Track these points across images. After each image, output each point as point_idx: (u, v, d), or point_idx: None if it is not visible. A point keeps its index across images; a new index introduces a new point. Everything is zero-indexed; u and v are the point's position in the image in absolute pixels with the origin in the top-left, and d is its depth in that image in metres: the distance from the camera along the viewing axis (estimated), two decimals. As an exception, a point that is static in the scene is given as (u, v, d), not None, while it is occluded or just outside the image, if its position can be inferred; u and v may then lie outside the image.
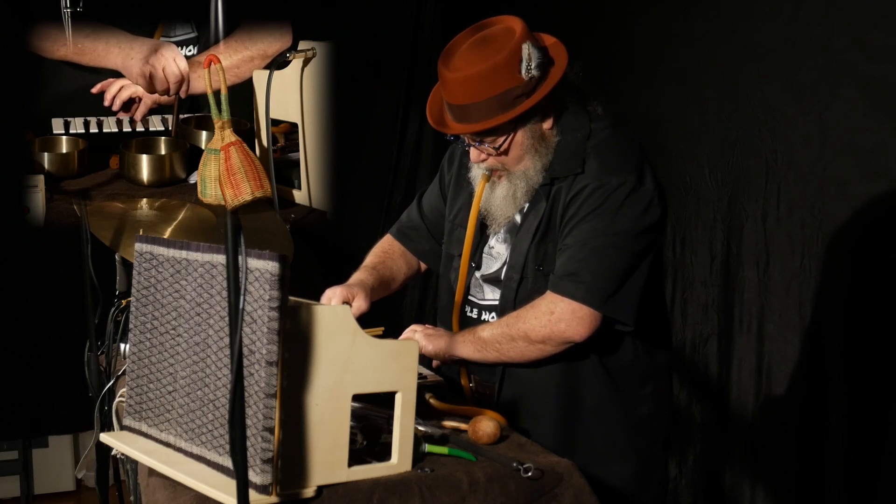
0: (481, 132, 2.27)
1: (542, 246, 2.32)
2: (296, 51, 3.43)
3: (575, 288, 2.22)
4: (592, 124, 2.33)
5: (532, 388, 2.37)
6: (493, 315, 2.43)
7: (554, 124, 2.31)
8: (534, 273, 2.34)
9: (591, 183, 2.25)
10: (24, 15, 4.20)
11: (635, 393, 2.40)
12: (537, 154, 2.30)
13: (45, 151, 3.70)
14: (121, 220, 3.00)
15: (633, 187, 2.24)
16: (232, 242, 1.52)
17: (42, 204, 3.40)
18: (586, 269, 2.21)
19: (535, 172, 2.32)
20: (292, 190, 3.72)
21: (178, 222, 3.06)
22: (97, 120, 3.89)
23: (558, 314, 2.22)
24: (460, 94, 2.23)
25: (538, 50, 2.21)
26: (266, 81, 3.43)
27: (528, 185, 2.33)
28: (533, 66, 2.19)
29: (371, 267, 2.62)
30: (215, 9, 1.42)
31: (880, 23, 2.65)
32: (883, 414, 2.65)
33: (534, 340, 2.25)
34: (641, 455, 2.41)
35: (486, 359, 2.32)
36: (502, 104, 2.21)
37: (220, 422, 1.78)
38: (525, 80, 2.20)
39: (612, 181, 2.23)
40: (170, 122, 3.91)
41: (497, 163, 2.33)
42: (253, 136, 3.68)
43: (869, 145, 2.70)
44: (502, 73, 2.19)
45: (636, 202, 2.24)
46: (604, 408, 2.37)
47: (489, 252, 2.45)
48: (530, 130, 2.28)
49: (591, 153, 2.29)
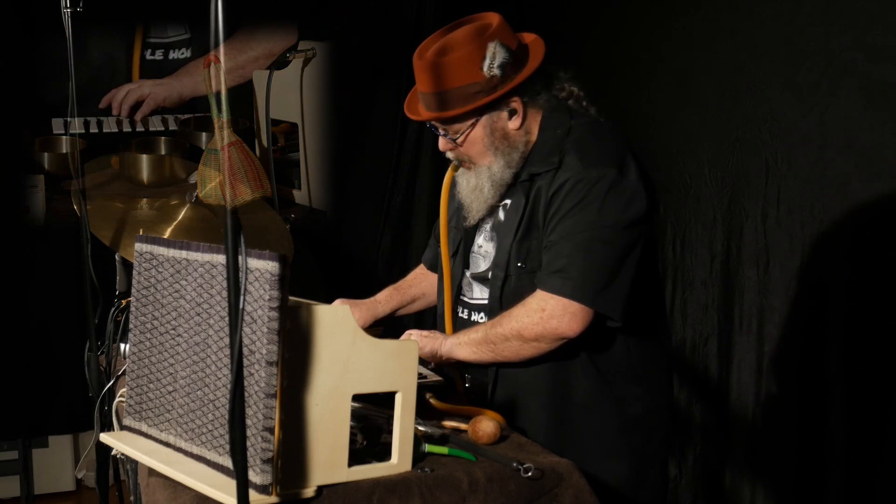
0: (438, 121, 2.32)
1: (526, 243, 2.33)
2: (296, 51, 3.44)
3: (562, 284, 2.22)
4: (573, 121, 2.35)
5: (523, 386, 2.37)
6: (482, 315, 2.43)
7: (523, 124, 2.34)
8: (517, 271, 2.34)
9: (571, 178, 2.25)
10: (24, 15, 4.21)
11: (628, 391, 2.39)
12: (499, 152, 2.33)
13: (45, 151, 3.71)
14: (121, 220, 3.00)
15: (614, 180, 2.24)
16: (232, 242, 1.52)
17: (42, 204, 3.40)
18: (573, 265, 2.22)
19: (498, 169, 2.34)
20: (292, 190, 3.72)
21: (178, 222, 3.07)
22: (97, 120, 3.90)
23: (549, 311, 2.21)
24: (424, 82, 2.30)
25: (505, 50, 2.24)
26: (266, 81, 3.44)
27: (492, 181, 2.35)
28: (496, 64, 2.23)
29: (395, 287, 2.75)
30: (215, 9, 1.42)
31: (880, 23, 2.65)
32: (883, 414, 2.65)
33: (527, 339, 2.24)
34: (636, 454, 2.41)
35: (482, 359, 2.32)
36: (463, 97, 2.26)
37: (220, 422, 1.78)
38: (486, 77, 2.24)
39: (592, 175, 2.24)
40: (170, 123, 3.92)
41: (462, 154, 2.37)
42: (253, 135, 3.68)
43: (869, 145, 2.70)
44: (465, 67, 2.24)
45: (618, 195, 2.24)
46: (595, 406, 2.37)
47: (477, 251, 2.47)
48: (489, 128, 2.31)
49: (570, 148, 2.30)
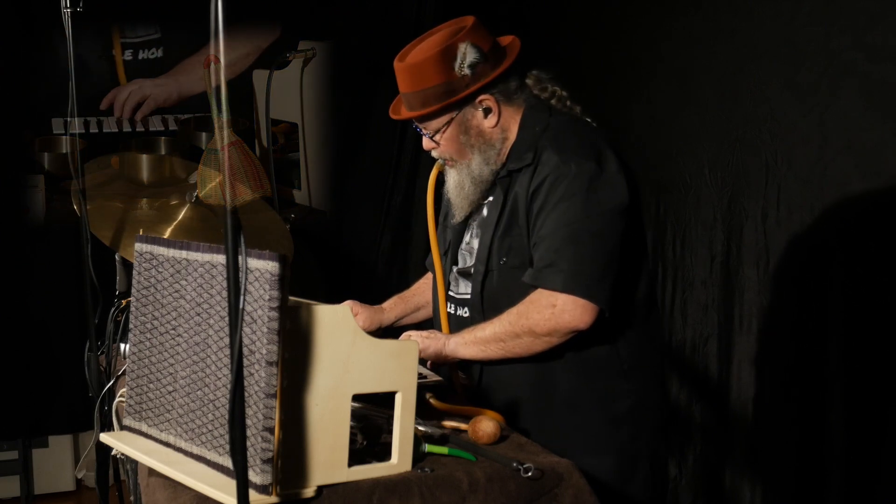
0: (416, 119, 2.39)
1: (507, 239, 2.37)
2: (296, 51, 3.44)
3: (556, 277, 2.25)
4: (552, 118, 2.40)
5: (507, 381, 2.40)
6: (465, 310, 2.47)
7: (499, 122, 2.39)
8: (499, 266, 2.38)
9: (550, 174, 2.29)
10: (24, 15, 4.21)
11: (615, 386, 2.40)
12: (475, 149, 2.39)
13: (45, 151, 3.70)
14: (121, 220, 3.00)
15: (593, 172, 2.27)
16: (232, 242, 1.51)
17: (42, 204, 3.40)
18: (563, 258, 2.25)
19: (476, 166, 2.39)
20: (292, 190, 3.72)
21: (178, 222, 3.07)
22: (97, 120, 3.89)
23: (561, 305, 2.24)
24: (403, 83, 2.37)
25: (476, 50, 2.30)
26: (266, 81, 3.43)
27: (472, 178, 2.41)
28: (466, 64, 2.29)
29: (399, 296, 2.80)
30: (215, 9, 1.42)
31: (880, 23, 2.65)
32: (882, 413, 2.65)
33: (539, 334, 2.26)
34: (623, 449, 2.42)
35: (489, 357, 2.33)
36: (436, 96, 2.32)
37: (220, 422, 1.78)
38: (458, 76, 2.31)
39: (572, 168, 2.28)
40: (170, 123, 3.92)
41: (444, 153, 2.43)
42: (253, 136, 3.69)
43: (869, 145, 2.70)
44: (438, 67, 2.30)
45: (599, 187, 2.27)
46: (579, 401, 2.39)
47: (465, 248, 2.51)
48: (464, 125, 2.37)
49: (547, 144, 2.34)
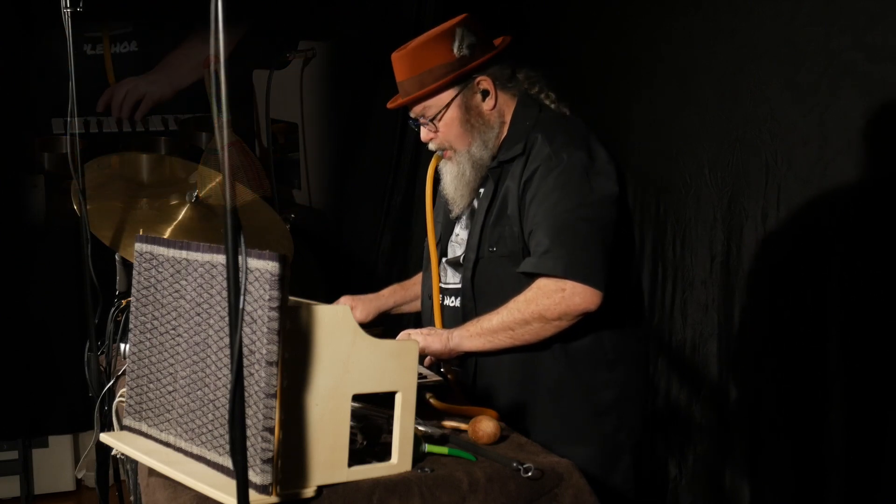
0: (415, 101, 2.43)
1: (497, 229, 2.41)
2: (296, 51, 3.44)
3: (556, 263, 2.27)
4: (541, 114, 2.46)
5: (491, 370, 2.42)
6: (455, 299, 2.49)
7: (496, 106, 2.44)
8: (489, 254, 2.42)
9: (542, 163, 2.34)
10: (24, 15, 4.21)
11: (599, 377, 2.43)
12: (475, 131, 2.43)
13: (45, 151, 3.70)
14: (121, 220, 3.00)
15: (585, 161, 2.33)
16: (232, 242, 1.51)
17: (42, 204, 3.40)
18: (561, 245, 2.28)
19: (477, 149, 2.44)
20: (292, 190, 3.72)
21: (178, 222, 3.07)
22: (97, 120, 3.89)
23: (570, 290, 2.26)
24: (401, 70, 2.43)
25: (472, 33, 2.37)
26: (266, 81, 3.43)
27: (472, 162, 2.44)
28: (465, 45, 2.36)
29: (399, 284, 2.85)
30: (215, 9, 1.42)
31: (880, 23, 2.65)
32: (882, 413, 2.65)
33: (550, 319, 2.29)
34: (606, 439, 2.44)
35: (495, 347, 2.36)
36: (435, 77, 2.38)
37: (220, 422, 1.78)
38: (457, 56, 2.37)
39: (563, 158, 2.33)
40: (170, 123, 3.92)
41: (443, 141, 2.46)
42: (253, 136, 3.68)
43: (869, 145, 2.70)
44: (435, 49, 2.37)
45: (591, 176, 2.32)
46: (562, 391, 2.41)
47: (455, 239, 2.55)
48: (464, 106, 2.42)
49: (537, 137, 2.39)
